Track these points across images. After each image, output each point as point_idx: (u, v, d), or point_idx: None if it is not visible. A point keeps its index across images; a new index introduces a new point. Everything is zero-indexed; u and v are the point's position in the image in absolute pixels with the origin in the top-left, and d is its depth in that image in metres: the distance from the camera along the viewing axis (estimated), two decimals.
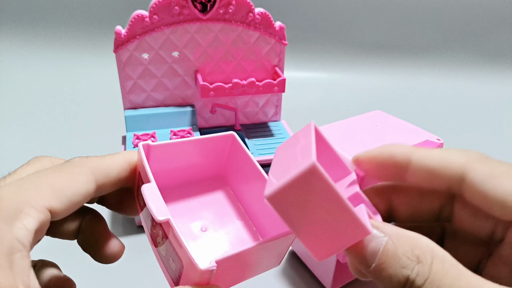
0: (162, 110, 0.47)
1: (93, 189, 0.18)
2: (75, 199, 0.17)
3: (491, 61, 0.99)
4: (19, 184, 0.16)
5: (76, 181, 0.17)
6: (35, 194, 0.16)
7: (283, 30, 0.48)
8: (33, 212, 0.15)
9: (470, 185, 0.16)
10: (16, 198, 0.15)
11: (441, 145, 0.34)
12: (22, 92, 0.84)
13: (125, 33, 0.43)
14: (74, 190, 0.17)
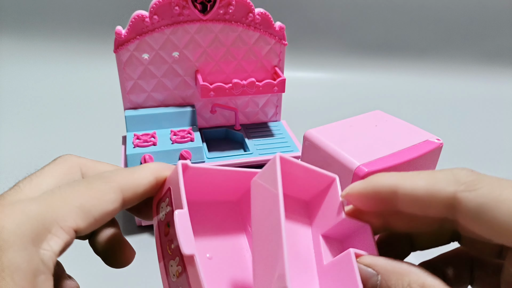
0: (162, 110, 0.47)
1: (120, 207, 0.17)
2: (101, 219, 0.17)
3: (491, 61, 0.99)
4: (48, 201, 0.16)
5: (104, 200, 0.17)
6: (63, 213, 0.15)
7: (283, 30, 0.48)
8: (60, 233, 0.15)
9: (464, 217, 0.16)
10: (45, 216, 0.15)
11: (440, 145, 0.34)
12: (23, 92, 0.84)
13: (125, 33, 0.43)
14: (101, 209, 0.16)
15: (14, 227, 0.14)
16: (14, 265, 0.13)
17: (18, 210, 0.14)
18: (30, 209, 0.15)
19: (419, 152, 0.32)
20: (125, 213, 0.49)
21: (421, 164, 0.33)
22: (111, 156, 0.60)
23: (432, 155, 0.33)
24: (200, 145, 0.44)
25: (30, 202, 0.15)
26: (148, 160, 0.42)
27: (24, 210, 0.14)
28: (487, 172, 0.44)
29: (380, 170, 0.30)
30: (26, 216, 0.14)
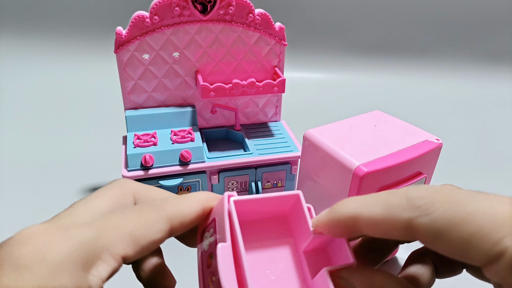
0: (162, 110, 0.47)
1: (167, 236, 0.18)
2: (148, 247, 0.17)
3: (491, 61, 1.00)
4: (101, 227, 0.16)
5: (153, 229, 0.17)
6: (113, 240, 0.16)
7: (283, 31, 0.48)
8: (109, 259, 0.16)
9: (423, 240, 0.16)
10: (97, 242, 0.16)
11: (440, 145, 0.34)
12: (23, 92, 0.84)
13: (125, 34, 0.43)
14: (150, 238, 0.17)
15: (67, 252, 0.15)
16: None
17: (72, 235, 0.15)
18: (84, 235, 0.15)
19: (418, 152, 0.32)
20: None
21: (420, 163, 0.33)
22: (112, 156, 0.60)
23: (432, 155, 0.33)
24: (200, 145, 0.44)
25: (84, 227, 0.16)
26: (148, 160, 0.42)
27: (77, 235, 0.15)
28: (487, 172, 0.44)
29: (379, 170, 0.30)
30: (79, 241, 0.15)
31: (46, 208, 0.50)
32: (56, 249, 0.14)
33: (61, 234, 0.15)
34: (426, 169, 0.34)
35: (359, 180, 0.29)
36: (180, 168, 0.43)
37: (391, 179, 0.31)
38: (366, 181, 0.30)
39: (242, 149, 0.50)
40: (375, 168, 0.30)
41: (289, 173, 0.49)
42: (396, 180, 0.32)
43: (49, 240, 0.15)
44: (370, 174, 0.30)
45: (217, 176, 0.46)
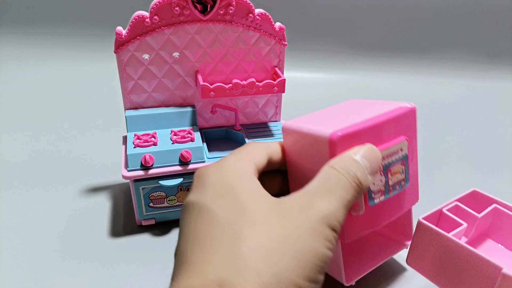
0: (162, 110, 0.47)
1: (266, 161, 0.28)
2: (262, 162, 0.28)
3: (491, 61, 1.00)
4: (231, 157, 0.26)
5: (260, 154, 0.28)
6: (244, 160, 0.26)
7: (283, 31, 0.48)
8: (249, 166, 0.26)
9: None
10: (237, 162, 0.26)
11: (413, 108, 0.33)
12: (23, 92, 0.84)
13: (125, 34, 0.43)
14: (259, 158, 0.28)
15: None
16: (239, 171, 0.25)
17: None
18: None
19: (391, 115, 0.32)
20: (126, 213, 0.49)
21: (397, 127, 0.33)
22: (112, 156, 0.60)
23: (406, 118, 0.33)
24: (200, 145, 0.44)
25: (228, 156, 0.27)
26: (148, 160, 0.42)
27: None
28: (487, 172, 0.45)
29: (353, 132, 0.29)
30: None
31: (46, 208, 0.50)
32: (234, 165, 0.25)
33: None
34: (405, 134, 0.33)
35: (335, 146, 0.29)
36: (180, 168, 0.43)
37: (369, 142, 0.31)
38: (342, 145, 0.29)
39: None
40: (349, 131, 0.29)
41: None
42: (375, 144, 0.32)
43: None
44: (345, 137, 0.29)
45: None
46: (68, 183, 0.55)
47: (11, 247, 0.43)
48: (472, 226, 0.36)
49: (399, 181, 0.32)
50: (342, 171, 0.24)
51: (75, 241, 0.45)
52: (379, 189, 0.31)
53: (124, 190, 0.54)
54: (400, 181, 0.32)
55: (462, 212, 0.37)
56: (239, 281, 0.19)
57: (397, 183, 0.32)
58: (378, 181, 0.31)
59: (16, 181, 0.55)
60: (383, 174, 0.31)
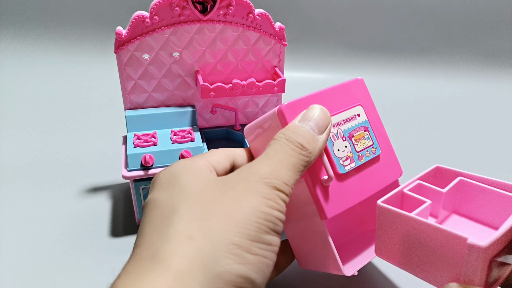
0: (162, 110, 0.47)
1: (227, 159, 0.28)
2: (220, 164, 0.27)
3: (491, 61, 1.00)
4: (184, 159, 0.27)
5: (219, 154, 0.28)
6: (197, 157, 0.27)
7: (283, 31, 0.48)
8: (201, 162, 0.26)
9: None
10: (188, 161, 0.26)
11: (360, 80, 0.35)
12: (23, 92, 0.84)
13: (125, 34, 0.43)
14: (218, 160, 0.27)
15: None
16: None
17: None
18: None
19: (337, 85, 0.34)
20: (126, 214, 0.49)
21: (345, 96, 0.34)
22: (112, 156, 0.60)
23: (354, 87, 0.35)
24: (200, 145, 0.44)
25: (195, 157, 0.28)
26: (148, 160, 0.42)
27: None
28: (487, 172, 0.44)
29: (299, 101, 0.30)
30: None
31: (46, 208, 0.50)
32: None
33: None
34: (359, 102, 0.34)
35: (283, 115, 0.29)
36: None
37: None
38: (291, 115, 0.29)
39: None
40: (295, 100, 0.30)
41: None
42: (331, 112, 0.32)
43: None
44: (292, 105, 0.30)
45: None
46: (68, 183, 0.55)
47: (11, 247, 0.43)
48: (439, 203, 0.33)
49: (367, 147, 0.33)
50: (280, 139, 0.25)
51: (75, 241, 0.45)
52: (346, 155, 0.31)
53: (124, 190, 0.54)
54: (369, 147, 0.33)
55: (425, 190, 0.34)
56: (172, 249, 0.19)
57: (366, 149, 0.33)
58: (343, 147, 0.31)
59: (16, 181, 0.55)
60: (346, 140, 0.31)
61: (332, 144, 0.31)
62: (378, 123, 0.35)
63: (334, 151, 0.31)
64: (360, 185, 0.32)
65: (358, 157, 0.32)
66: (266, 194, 0.21)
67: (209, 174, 0.24)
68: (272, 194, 0.21)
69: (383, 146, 0.34)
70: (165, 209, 0.21)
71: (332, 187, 0.30)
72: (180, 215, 0.20)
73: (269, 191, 0.21)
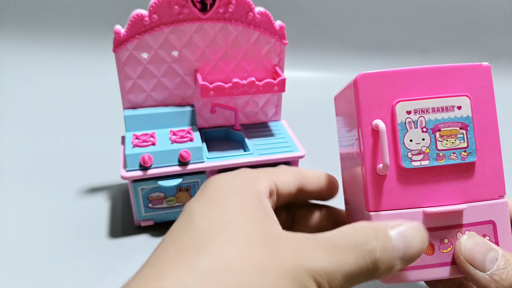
0: (161, 110, 0.47)
1: (296, 185, 0.26)
2: (286, 183, 0.25)
3: (491, 61, 0.99)
4: (254, 169, 0.25)
5: (286, 175, 0.26)
6: (263, 173, 0.24)
7: (283, 30, 0.48)
8: (264, 180, 0.24)
9: None
10: (254, 173, 0.24)
11: (485, 66, 0.27)
12: (21, 91, 0.84)
13: (124, 33, 0.43)
14: (285, 178, 0.25)
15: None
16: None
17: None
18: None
19: (445, 66, 0.26)
20: (124, 214, 0.49)
21: (454, 82, 0.26)
22: (110, 156, 0.59)
23: (470, 74, 0.27)
24: (199, 145, 0.44)
25: (239, 171, 0.25)
26: (147, 160, 0.41)
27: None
28: None
29: (384, 74, 0.25)
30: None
31: (44, 209, 0.49)
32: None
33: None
34: (469, 92, 0.26)
35: (357, 86, 0.25)
36: (179, 169, 0.43)
37: (409, 91, 0.25)
38: (366, 86, 0.24)
39: (242, 149, 0.49)
40: (379, 72, 0.25)
41: None
42: (416, 92, 0.25)
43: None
44: (372, 77, 0.24)
45: None
46: (66, 184, 0.54)
47: (10, 247, 0.43)
48: None
49: (456, 148, 0.25)
50: (362, 237, 0.20)
51: (73, 242, 0.44)
52: (419, 149, 0.25)
53: (122, 190, 0.53)
54: (458, 149, 0.25)
55: None
56: None
57: (453, 150, 0.25)
58: (419, 139, 0.25)
59: (14, 181, 0.54)
60: (427, 132, 0.25)
61: (405, 132, 0.24)
62: (490, 125, 0.27)
63: (405, 141, 0.25)
64: (428, 190, 0.25)
65: (437, 156, 0.25)
66: (305, 286, 0.18)
67: (261, 218, 0.20)
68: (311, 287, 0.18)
69: (484, 154, 0.26)
70: (198, 236, 0.18)
71: (389, 179, 0.25)
72: (209, 258, 0.17)
73: (310, 285, 0.18)
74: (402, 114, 0.25)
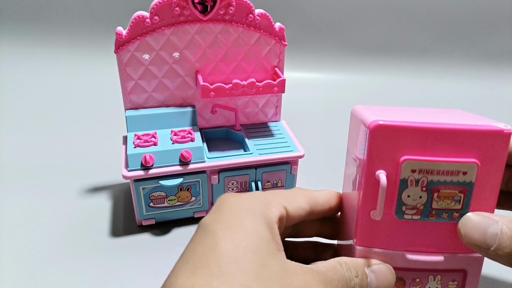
0: (162, 111, 0.48)
1: (307, 210, 0.27)
2: (297, 209, 0.26)
3: (491, 61, 1.00)
4: (267, 192, 0.26)
5: (298, 200, 0.26)
6: (275, 199, 0.25)
7: (283, 31, 0.48)
8: (276, 206, 0.24)
9: None
10: (267, 198, 0.25)
11: (507, 132, 0.25)
12: (23, 92, 0.84)
13: (126, 34, 0.43)
14: (297, 204, 0.26)
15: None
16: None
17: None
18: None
19: (463, 127, 0.24)
20: (126, 213, 0.49)
21: (469, 146, 0.25)
22: (112, 156, 0.60)
23: (487, 139, 0.25)
24: (200, 145, 0.45)
25: (254, 193, 0.26)
26: (148, 160, 0.42)
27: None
28: None
29: (397, 126, 0.24)
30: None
31: (46, 208, 0.50)
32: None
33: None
34: (481, 159, 0.25)
35: (370, 134, 0.24)
36: (180, 168, 0.44)
37: (422, 150, 0.25)
38: (379, 137, 0.24)
39: (242, 149, 0.50)
40: (392, 123, 0.24)
41: (289, 173, 0.49)
42: (425, 151, 0.25)
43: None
44: (384, 128, 0.24)
45: (217, 176, 0.46)
46: (69, 183, 0.55)
47: (11, 247, 0.43)
48: None
49: (449, 209, 0.26)
50: (348, 273, 0.24)
51: (75, 241, 0.45)
52: (414, 205, 0.26)
53: (124, 190, 0.54)
54: (452, 209, 0.26)
55: None
56: None
57: (446, 211, 0.26)
58: (416, 197, 0.25)
59: (16, 181, 0.55)
60: (426, 191, 0.25)
61: (404, 188, 0.25)
62: (491, 192, 0.26)
63: (403, 196, 0.25)
64: (413, 237, 0.26)
65: (429, 214, 0.26)
66: None
67: (276, 247, 0.22)
68: None
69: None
70: (223, 260, 0.20)
71: (380, 223, 0.26)
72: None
73: None
74: (406, 171, 0.25)
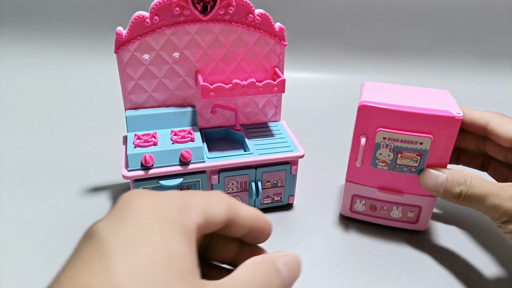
0: (163, 111, 0.48)
1: (225, 218, 0.21)
2: (216, 215, 0.21)
3: (491, 61, 1.00)
4: (184, 193, 0.21)
5: (217, 204, 0.21)
6: (194, 201, 0.20)
7: (283, 31, 0.48)
8: (195, 211, 0.20)
9: (490, 130, 0.38)
10: (184, 200, 0.20)
11: (457, 118, 0.37)
12: (23, 92, 0.84)
13: (126, 34, 0.44)
14: (216, 209, 0.21)
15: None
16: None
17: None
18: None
19: (426, 112, 0.37)
20: None
21: (428, 125, 0.37)
22: (112, 156, 0.60)
23: (442, 123, 0.37)
24: (200, 145, 0.45)
25: (170, 192, 0.21)
26: (148, 160, 0.42)
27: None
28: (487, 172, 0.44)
29: (377, 108, 0.38)
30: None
31: (46, 208, 0.50)
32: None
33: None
34: (435, 134, 0.38)
35: (358, 110, 0.39)
36: (180, 168, 0.44)
37: (392, 124, 0.38)
38: (363, 113, 0.39)
39: (242, 149, 0.50)
40: (375, 105, 0.38)
41: (289, 173, 0.49)
42: (397, 127, 0.38)
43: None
44: (367, 108, 0.39)
45: (217, 176, 0.46)
46: (68, 183, 0.55)
47: (11, 247, 0.43)
48: None
49: (408, 165, 0.40)
50: (266, 275, 0.21)
51: (75, 242, 0.44)
52: (384, 160, 0.40)
53: (124, 190, 0.54)
54: (410, 166, 0.40)
55: None
56: None
57: (406, 166, 0.40)
58: (386, 155, 0.40)
59: (16, 181, 0.55)
60: (392, 152, 0.39)
61: (378, 148, 0.40)
62: (442, 155, 0.38)
63: (376, 153, 0.40)
64: (384, 180, 0.42)
65: (394, 167, 0.40)
66: None
67: (190, 268, 0.18)
68: None
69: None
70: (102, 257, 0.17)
71: (361, 169, 0.42)
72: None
73: None
74: (380, 138, 0.39)
